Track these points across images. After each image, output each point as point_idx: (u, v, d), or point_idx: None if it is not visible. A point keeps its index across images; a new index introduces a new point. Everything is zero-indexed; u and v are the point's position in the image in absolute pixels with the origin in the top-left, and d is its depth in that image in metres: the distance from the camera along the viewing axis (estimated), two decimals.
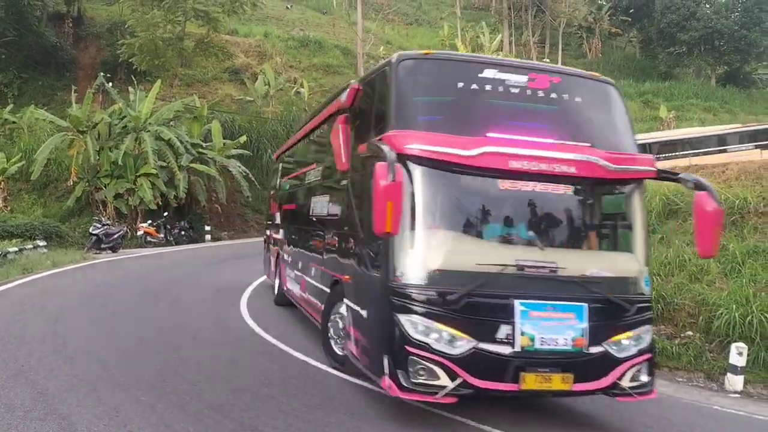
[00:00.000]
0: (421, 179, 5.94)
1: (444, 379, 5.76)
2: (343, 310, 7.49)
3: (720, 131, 27.73)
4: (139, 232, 23.38)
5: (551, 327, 5.92)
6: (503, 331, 5.82)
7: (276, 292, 12.68)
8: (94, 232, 20.82)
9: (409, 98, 6.34)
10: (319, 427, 6.08)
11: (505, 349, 5.82)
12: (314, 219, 9.51)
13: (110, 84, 26.62)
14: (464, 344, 5.78)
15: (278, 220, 13.22)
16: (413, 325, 5.81)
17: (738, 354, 9.18)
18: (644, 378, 6.40)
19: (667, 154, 23.57)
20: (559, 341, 5.93)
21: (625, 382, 6.25)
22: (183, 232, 24.88)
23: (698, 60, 53.78)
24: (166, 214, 24.47)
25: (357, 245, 7.01)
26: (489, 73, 6.42)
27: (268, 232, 14.77)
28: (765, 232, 11.41)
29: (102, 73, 28.35)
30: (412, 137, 5.93)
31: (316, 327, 10.53)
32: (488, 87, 6.39)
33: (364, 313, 6.65)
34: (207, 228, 26.09)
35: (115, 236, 21.10)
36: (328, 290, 8.19)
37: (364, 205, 6.61)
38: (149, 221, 23.72)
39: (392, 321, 5.88)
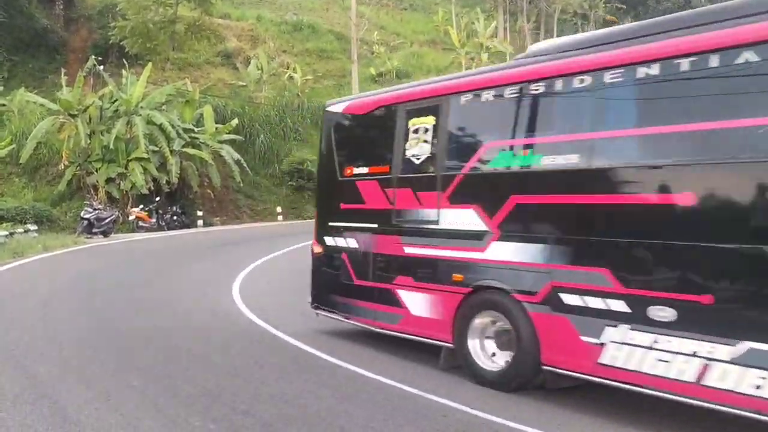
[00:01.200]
0: None
1: None
2: None
3: None
4: (131, 217, 23.26)
5: None
6: None
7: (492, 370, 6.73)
8: (85, 217, 20.73)
9: None
10: (310, 412, 6.08)
11: None
12: None
13: (101, 67, 26.38)
14: None
15: (518, 222, 6.28)
16: None
17: None
18: None
19: None
20: None
21: None
22: (175, 218, 24.79)
23: None
24: (158, 199, 24.36)
25: None
26: None
27: (349, 242, 8.26)
28: None
29: (93, 56, 28.06)
30: None
31: (309, 312, 10.50)
32: None
33: None
34: (199, 213, 25.99)
35: (107, 221, 21.02)
36: None
37: None
38: (141, 206, 23.61)
39: None
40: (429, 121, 7.16)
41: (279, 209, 28.31)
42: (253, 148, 29.47)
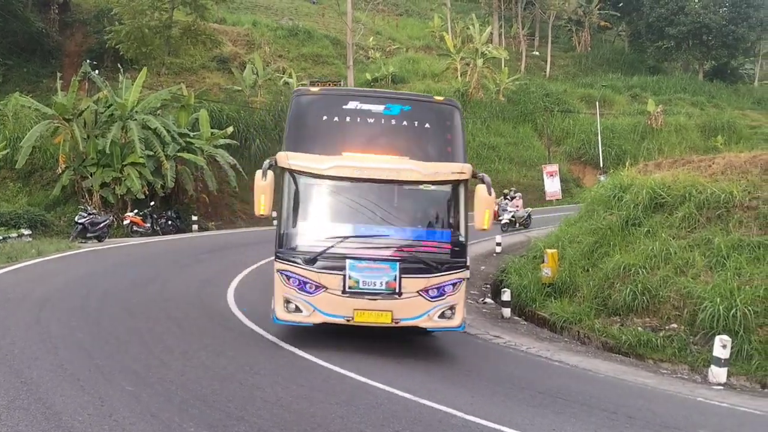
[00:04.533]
0: None
1: None
2: None
3: None
4: (126, 222, 23.18)
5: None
6: None
7: None
8: (79, 221, 20.62)
9: None
10: (304, 417, 6.07)
11: None
12: None
13: (96, 72, 26.31)
14: None
15: None
16: None
17: (722, 347, 9.28)
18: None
19: None
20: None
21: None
22: (170, 222, 24.69)
23: (686, 54, 54.13)
24: (152, 203, 24.28)
25: None
26: None
27: None
28: (750, 226, 11.51)
29: (87, 61, 28.01)
30: None
31: None
32: None
33: None
34: (194, 218, 25.93)
35: (101, 225, 20.92)
36: None
37: None
38: (135, 210, 23.54)
39: None
40: None
41: (274, 214, 28.29)
42: (248, 152, 29.43)
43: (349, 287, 8.19)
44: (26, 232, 19.98)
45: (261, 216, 8.73)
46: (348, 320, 8.27)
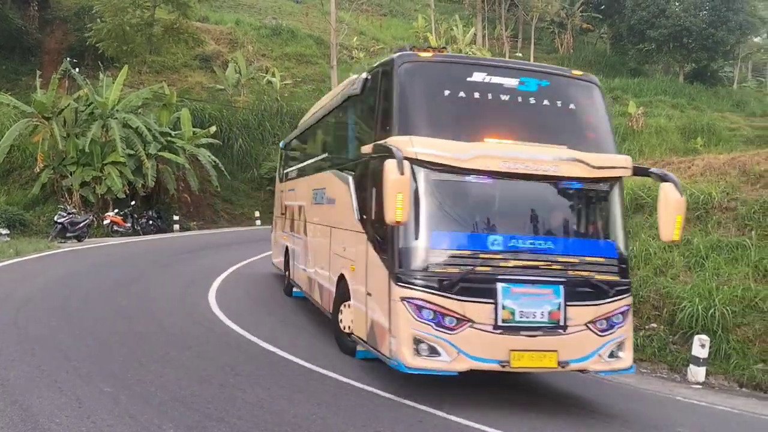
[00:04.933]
0: None
1: None
2: None
3: None
4: (106, 221, 22.94)
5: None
6: None
7: None
8: (59, 221, 20.39)
9: None
10: (285, 418, 6.04)
11: None
12: None
13: (77, 70, 26.00)
14: None
15: None
16: None
17: (700, 346, 9.38)
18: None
19: None
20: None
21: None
22: (151, 222, 24.49)
23: (667, 57, 54.64)
24: (133, 203, 24.07)
25: None
26: None
27: None
28: (728, 227, 11.65)
29: (68, 59, 27.66)
30: None
31: (285, 318, 10.44)
32: None
33: None
34: (175, 218, 25.73)
35: (81, 225, 20.70)
36: None
37: None
38: (116, 210, 23.31)
39: None
40: None
41: (257, 213, 28.18)
42: (231, 152, 29.31)
43: (504, 320, 6.30)
44: (4, 231, 19.71)
45: (397, 223, 6.10)
46: (503, 365, 6.36)
